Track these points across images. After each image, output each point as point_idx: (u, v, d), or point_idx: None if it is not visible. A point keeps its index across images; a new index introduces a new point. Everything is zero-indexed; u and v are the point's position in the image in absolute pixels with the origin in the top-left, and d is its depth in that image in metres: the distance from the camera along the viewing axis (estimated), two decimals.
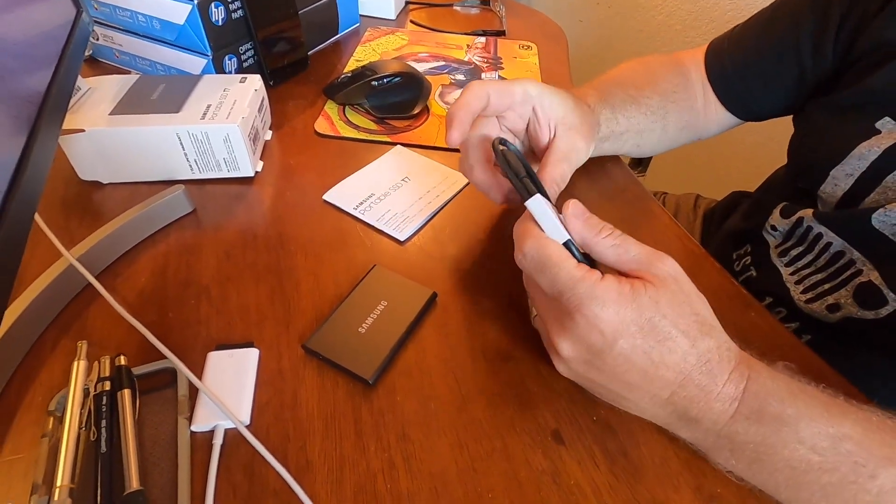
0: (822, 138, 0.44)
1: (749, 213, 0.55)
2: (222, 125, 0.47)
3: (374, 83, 0.59)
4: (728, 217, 0.61)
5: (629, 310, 0.27)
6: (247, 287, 0.41)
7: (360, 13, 0.83)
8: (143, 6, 0.58)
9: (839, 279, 0.42)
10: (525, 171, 0.34)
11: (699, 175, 1.31)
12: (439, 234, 0.46)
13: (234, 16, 0.59)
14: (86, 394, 0.32)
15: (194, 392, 0.34)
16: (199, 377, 0.34)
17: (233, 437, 0.32)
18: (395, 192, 0.50)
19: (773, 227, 0.49)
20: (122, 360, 0.34)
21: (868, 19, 0.42)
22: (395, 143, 0.56)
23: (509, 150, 0.36)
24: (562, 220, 0.31)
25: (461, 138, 0.38)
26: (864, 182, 0.41)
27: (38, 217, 0.38)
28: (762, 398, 0.28)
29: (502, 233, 0.47)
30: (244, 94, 0.50)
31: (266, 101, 0.56)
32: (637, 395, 0.29)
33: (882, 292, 0.39)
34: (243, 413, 0.33)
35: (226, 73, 0.60)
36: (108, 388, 0.32)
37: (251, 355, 0.36)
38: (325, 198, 0.49)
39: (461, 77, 0.70)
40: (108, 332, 0.37)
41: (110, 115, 0.47)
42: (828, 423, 0.27)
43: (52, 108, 0.35)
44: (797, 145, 0.48)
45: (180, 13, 0.55)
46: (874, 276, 0.40)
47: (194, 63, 0.59)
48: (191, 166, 0.49)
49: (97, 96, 0.49)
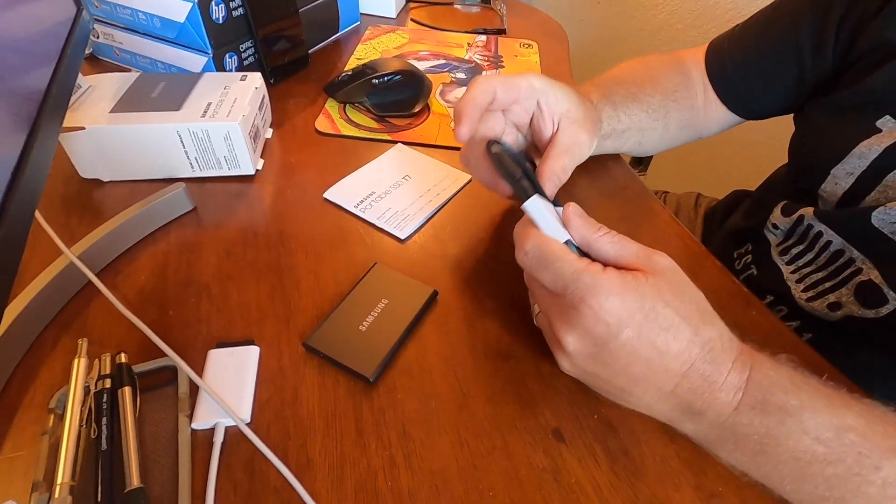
0: (823, 138, 0.44)
1: (750, 212, 0.55)
2: (223, 123, 0.47)
3: (374, 81, 0.59)
4: (729, 216, 0.60)
5: (633, 299, 0.28)
6: (247, 285, 0.41)
7: (361, 11, 0.83)
8: (143, 4, 0.58)
9: (839, 278, 0.42)
10: (522, 170, 0.35)
11: (700, 174, 1.31)
12: (440, 232, 0.46)
13: (235, 14, 0.59)
14: (86, 391, 0.32)
15: (195, 390, 0.34)
16: (200, 375, 0.34)
17: (233, 434, 0.32)
18: (395, 191, 0.50)
19: (774, 226, 0.49)
20: (123, 358, 0.34)
21: (868, 19, 0.42)
22: (395, 142, 0.56)
23: (504, 151, 0.36)
24: (560, 220, 0.32)
25: (470, 133, 0.38)
26: (865, 181, 0.41)
27: (38, 215, 0.38)
28: (766, 388, 0.28)
29: (503, 231, 0.47)
30: (245, 92, 0.50)
31: (266, 100, 0.55)
32: (641, 388, 0.29)
33: (882, 291, 0.39)
34: (244, 411, 0.33)
35: (226, 71, 0.60)
36: (108, 386, 0.32)
37: (252, 353, 0.36)
38: (326, 196, 0.49)
39: (462, 75, 0.70)
40: (109, 329, 0.37)
41: (111, 112, 0.47)
42: (832, 414, 0.27)
43: (52, 105, 0.35)
44: (797, 145, 0.48)
45: (181, 11, 0.55)
46: (874, 275, 0.40)
47: (195, 61, 0.59)
48: (191, 164, 0.49)
49: (97, 94, 0.49)
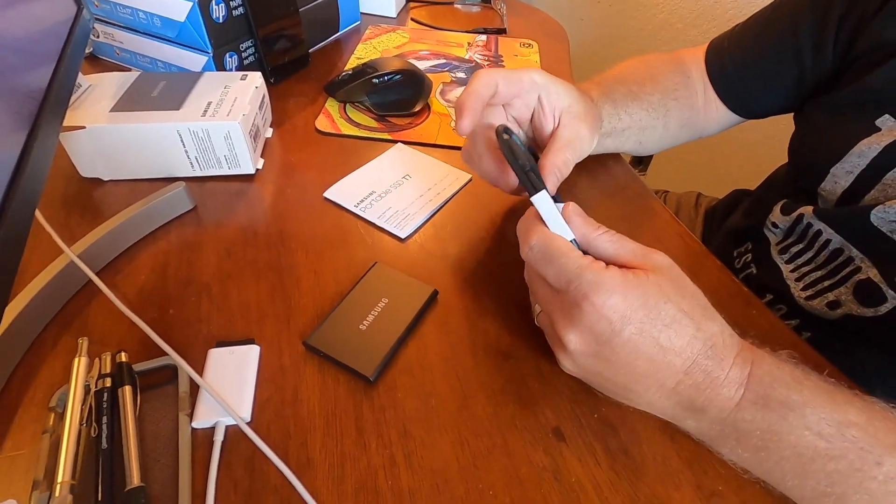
0: (823, 137, 0.44)
1: (750, 211, 0.55)
2: (223, 122, 0.47)
3: (374, 81, 0.59)
4: (729, 215, 0.60)
5: (635, 296, 0.28)
6: (247, 284, 0.41)
7: (361, 11, 0.83)
8: (143, 3, 0.58)
9: (838, 276, 0.42)
10: (529, 164, 0.35)
11: (700, 174, 1.31)
12: (440, 231, 0.46)
13: (235, 13, 0.59)
14: (87, 390, 0.32)
15: (195, 389, 0.34)
16: (200, 374, 0.34)
17: (234, 433, 0.32)
18: (395, 190, 0.50)
19: (774, 225, 0.49)
20: (123, 357, 0.34)
21: (867, 19, 0.42)
22: (395, 141, 0.56)
23: (513, 139, 0.36)
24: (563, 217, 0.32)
25: (472, 126, 0.38)
26: (864, 179, 0.41)
27: (38, 214, 0.38)
28: (767, 384, 0.28)
29: (503, 230, 0.47)
30: (245, 92, 0.50)
31: (267, 99, 0.55)
32: (644, 385, 0.29)
33: (881, 289, 0.39)
34: (244, 410, 0.33)
35: (226, 70, 0.60)
36: (108, 385, 0.32)
37: (252, 352, 0.36)
38: (326, 195, 0.49)
39: (462, 75, 0.70)
40: (109, 328, 0.37)
41: (111, 112, 0.47)
42: (833, 409, 0.27)
43: (52, 104, 0.35)
44: (797, 144, 0.48)
45: (181, 10, 0.55)
46: (873, 274, 0.40)
47: (195, 60, 0.59)
48: (191, 163, 0.49)
49: (98, 93, 0.49)
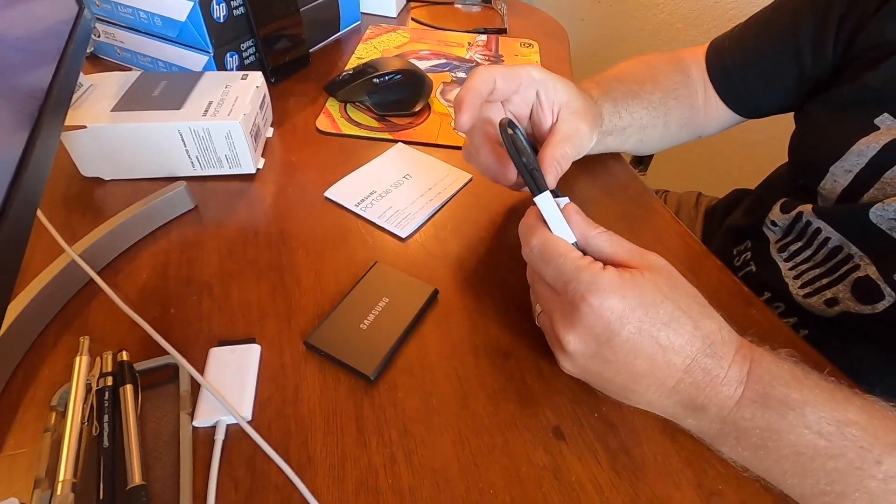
0: (822, 135, 0.44)
1: (750, 210, 0.55)
2: (224, 122, 0.47)
3: (375, 80, 0.59)
4: (729, 214, 0.61)
5: (633, 296, 0.28)
6: (248, 283, 0.41)
7: (362, 11, 0.83)
8: (144, 3, 0.58)
9: (837, 274, 0.42)
10: (533, 163, 0.35)
11: (700, 173, 1.31)
12: (441, 231, 0.46)
13: (236, 13, 0.59)
14: (88, 389, 0.32)
15: (196, 388, 0.34)
16: (201, 373, 0.34)
17: (234, 432, 0.32)
18: (396, 190, 0.50)
19: (773, 223, 0.49)
20: (125, 356, 0.34)
21: (867, 18, 0.42)
22: (396, 141, 0.56)
23: (517, 135, 0.36)
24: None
25: (471, 122, 0.38)
26: (863, 178, 0.41)
27: (40, 213, 0.37)
28: (767, 382, 0.28)
29: (504, 230, 0.47)
30: (246, 91, 0.50)
31: (267, 99, 0.56)
32: (644, 385, 0.30)
33: (879, 287, 0.39)
34: (245, 409, 0.33)
35: (227, 70, 0.60)
36: (110, 384, 0.32)
37: (253, 351, 0.36)
38: (327, 195, 0.49)
39: (462, 75, 0.70)
40: (111, 327, 0.38)
41: (112, 111, 0.47)
42: (833, 408, 0.27)
43: (54, 104, 0.35)
44: (798, 143, 0.48)
45: (182, 10, 0.55)
46: (871, 271, 0.40)
47: (196, 60, 0.59)
48: (192, 163, 0.49)
49: (99, 93, 0.49)
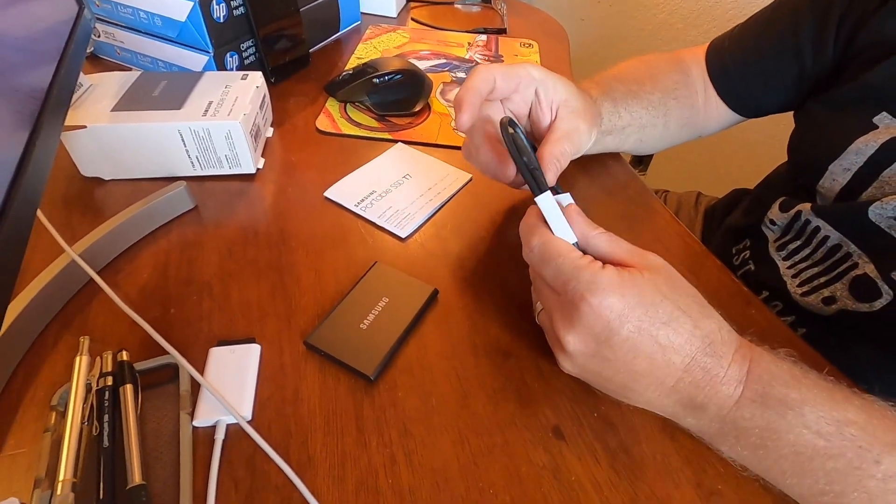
0: (822, 134, 0.45)
1: (749, 209, 0.55)
2: (224, 122, 0.47)
3: (375, 80, 0.59)
4: (729, 214, 0.61)
5: (632, 295, 0.28)
6: (248, 283, 0.41)
7: (362, 11, 0.83)
8: (144, 3, 0.58)
9: (835, 272, 0.42)
10: (534, 162, 0.35)
11: (700, 173, 1.31)
12: (440, 231, 0.46)
13: (236, 13, 0.59)
14: (88, 389, 0.32)
15: (196, 387, 0.34)
16: (201, 373, 0.34)
17: (234, 432, 0.32)
18: (396, 190, 0.50)
19: (772, 222, 0.49)
20: (125, 356, 0.34)
21: (867, 17, 0.42)
22: (396, 141, 0.57)
23: (518, 133, 0.36)
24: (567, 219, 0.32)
25: (471, 121, 0.38)
26: (862, 176, 0.41)
27: (40, 213, 0.37)
28: (766, 382, 0.28)
29: (504, 230, 0.47)
30: (246, 91, 0.50)
31: (267, 98, 0.56)
32: (643, 384, 0.30)
33: (876, 285, 0.39)
34: (245, 408, 0.33)
35: (227, 70, 0.60)
36: (110, 384, 0.32)
37: (253, 351, 0.36)
38: (327, 195, 0.49)
39: (462, 75, 0.70)
40: (111, 327, 0.38)
41: (112, 111, 0.47)
42: (832, 408, 0.27)
43: (54, 104, 0.35)
44: (797, 142, 0.49)
45: (182, 10, 0.55)
46: (869, 269, 0.40)
47: (196, 60, 0.59)
48: (192, 163, 0.49)
49: (99, 93, 0.49)
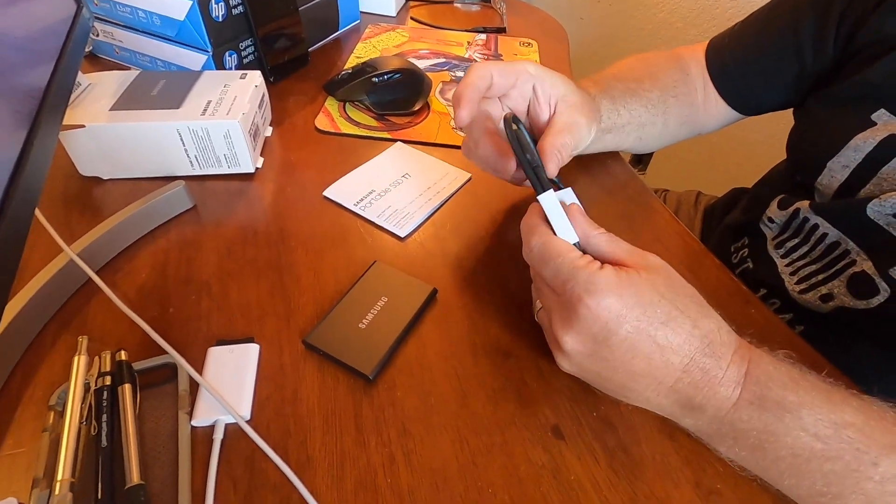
0: (822, 130, 0.45)
1: (747, 207, 0.55)
2: (223, 121, 0.47)
3: (374, 80, 0.59)
4: (728, 213, 0.61)
5: (630, 295, 0.28)
6: (247, 283, 0.41)
7: (361, 10, 0.83)
8: (143, 2, 0.58)
9: (833, 270, 0.42)
10: (536, 160, 0.35)
11: (700, 172, 1.31)
12: (440, 230, 0.46)
13: (235, 12, 0.58)
14: (86, 389, 0.32)
15: (195, 387, 0.34)
16: (200, 372, 0.34)
17: (233, 431, 0.32)
18: (395, 189, 0.50)
19: (770, 220, 0.49)
20: (123, 356, 0.34)
21: (867, 14, 0.42)
22: (395, 140, 0.56)
23: (521, 130, 0.36)
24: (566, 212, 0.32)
25: (470, 117, 0.38)
26: (860, 173, 0.41)
27: (38, 212, 0.37)
28: (763, 384, 0.28)
29: (503, 229, 0.47)
30: (244, 91, 0.50)
31: (266, 98, 0.55)
32: (642, 384, 0.30)
33: (874, 282, 0.39)
34: (244, 408, 0.33)
35: (226, 69, 0.60)
36: (108, 383, 0.32)
37: (251, 350, 0.36)
38: (326, 194, 0.49)
39: (461, 74, 0.70)
40: (109, 327, 0.38)
41: (110, 110, 0.47)
42: (830, 410, 0.27)
43: (52, 103, 0.35)
44: (797, 139, 0.48)
45: (180, 9, 0.55)
46: (867, 266, 0.40)
47: (194, 59, 0.59)
48: (191, 162, 0.49)
49: (97, 92, 0.49)
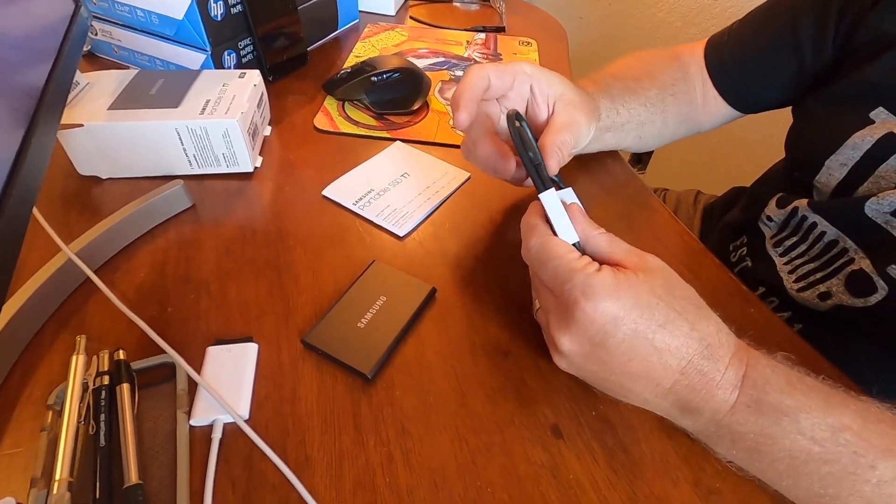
0: (821, 129, 0.45)
1: (746, 206, 0.55)
2: (221, 120, 0.47)
3: (373, 79, 0.59)
4: (727, 212, 0.61)
5: (627, 297, 0.28)
6: (246, 282, 0.41)
7: (360, 9, 0.83)
8: (141, 1, 0.58)
9: (831, 268, 0.42)
10: (539, 158, 0.34)
11: (700, 172, 1.31)
12: (439, 229, 0.46)
13: (234, 11, 0.58)
14: (85, 388, 0.32)
15: (193, 386, 0.34)
16: (199, 372, 0.34)
17: (232, 431, 0.32)
18: (394, 188, 0.50)
19: (769, 218, 0.49)
20: (121, 355, 0.34)
21: (865, 12, 0.42)
22: (394, 139, 0.56)
23: (524, 127, 0.36)
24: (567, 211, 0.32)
25: (469, 119, 0.38)
26: (858, 171, 0.41)
27: (36, 212, 0.38)
28: (761, 387, 0.28)
29: (502, 228, 0.47)
30: (243, 90, 0.50)
31: (265, 97, 0.55)
32: (640, 385, 0.29)
33: (872, 280, 0.39)
34: (242, 407, 0.33)
35: (225, 68, 0.60)
36: (106, 383, 0.32)
37: (250, 350, 0.36)
38: (325, 193, 0.49)
39: (461, 73, 0.70)
40: (107, 326, 0.37)
41: (109, 109, 0.47)
42: (827, 413, 0.27)
43: (50, 102, 0.35)
44: (795, 137, 0.49)
45: (179, 8, 0.55)
46: (865, 264, 0.40)
47: (193, 58, 0.59)
48: (190, 161, 0.49)
49: (96, 91, 0.49)
